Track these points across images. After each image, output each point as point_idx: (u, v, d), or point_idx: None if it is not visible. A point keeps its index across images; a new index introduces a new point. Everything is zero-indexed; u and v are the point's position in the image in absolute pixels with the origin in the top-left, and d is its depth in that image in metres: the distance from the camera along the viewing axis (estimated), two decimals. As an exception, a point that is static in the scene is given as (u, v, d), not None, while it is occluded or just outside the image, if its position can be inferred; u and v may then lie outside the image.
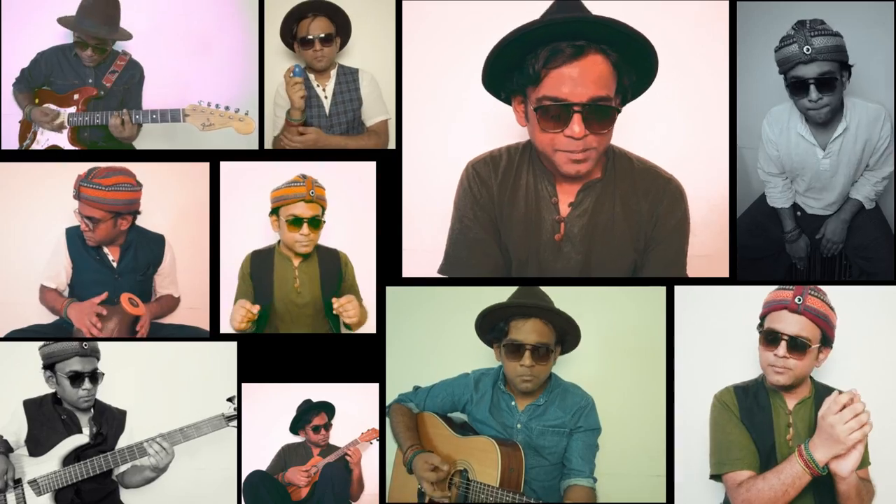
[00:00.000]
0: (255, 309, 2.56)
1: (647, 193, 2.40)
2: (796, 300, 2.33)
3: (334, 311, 2.60)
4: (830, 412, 2.13)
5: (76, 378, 2.50)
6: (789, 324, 2.33)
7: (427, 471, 2.44)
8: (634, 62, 2.24)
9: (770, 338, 2.36)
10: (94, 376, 2.54)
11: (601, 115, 2.17)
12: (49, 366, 2.53)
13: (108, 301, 2.76)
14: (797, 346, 2.32)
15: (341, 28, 2.95)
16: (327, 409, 2.82)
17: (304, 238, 2.67)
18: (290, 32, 2.93)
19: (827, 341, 2.36)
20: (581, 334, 2.55)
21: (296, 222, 2.66)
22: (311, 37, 2.91)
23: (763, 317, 2.41)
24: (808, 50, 2.66)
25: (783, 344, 2.33)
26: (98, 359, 2.57)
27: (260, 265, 2.75)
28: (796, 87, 2.74)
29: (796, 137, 2.85)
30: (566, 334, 2.54)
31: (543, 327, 2.50)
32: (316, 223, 2.68)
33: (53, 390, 2.57)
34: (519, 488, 2.45)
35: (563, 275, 2.42)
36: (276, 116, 2.95)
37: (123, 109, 2.85)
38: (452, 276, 2.52)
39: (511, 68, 2.23)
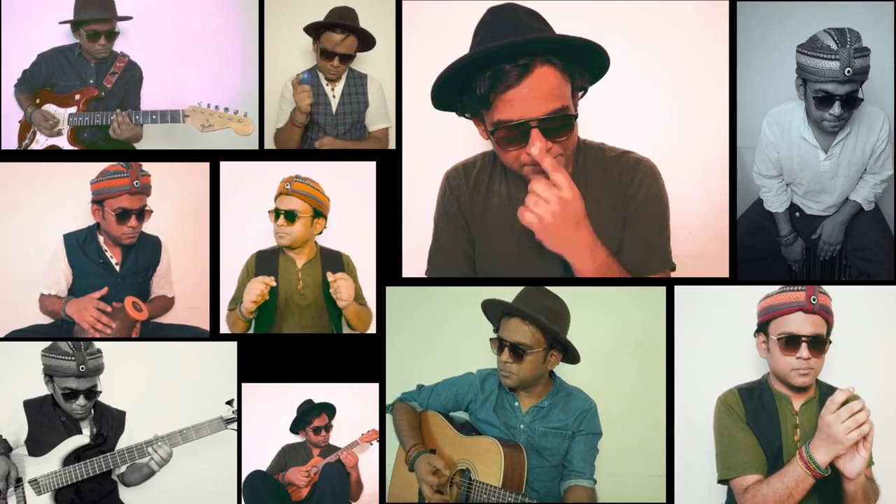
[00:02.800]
0: (271, 280, 2.60)
1: (620, 176, 2.36)
2: (812, 300, 2.31)
3: (330, 291, 2.63)
4: (828, 411, 2.11)
5: (70, 395, 2.49)
6: (806, 325, 2.31)
7: (428, 473, 2.44)
8: (581, 61, 2.18)
9: (790, 342, 2.32)
10: (91, 393, 2.51)
11: (559, 125, 2.13)
12: (49, 374, 2.52)
13: (108, 300, 2.76)
14: (817, 344, 2.31)
15: (363, 44, 2.97)
16: (328, 410, 2.82)
17: (278, 229, 2.70)
18: (315, 34, 2.94)
19: (829, 332, 2.35)
20: (569, 342, 2.49)
21: (274, 213, 2.71)
22: (336, 52, 2.92)
23: (766, 322, 2.38)
24: (849, 72, 2.60)
25: (804, 346, 2.30)
26: (99, 376, 2.54)
27: (264, 265, 2.75)
28: (821, 101, 2.70)
29: (798, 140, 2.84)
30: (555, 341, 2.49)
31: (525, 328, 2.46)
32: (290, 217, 2.69)
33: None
34: (521, 489, 2.45)
35: (552, 275, 2.38)
36: (280, 109, 2.96)
37: (118, 109, 2.86)
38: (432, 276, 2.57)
39: (458, 92, 2.20)
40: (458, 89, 2.19)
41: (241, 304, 2.65)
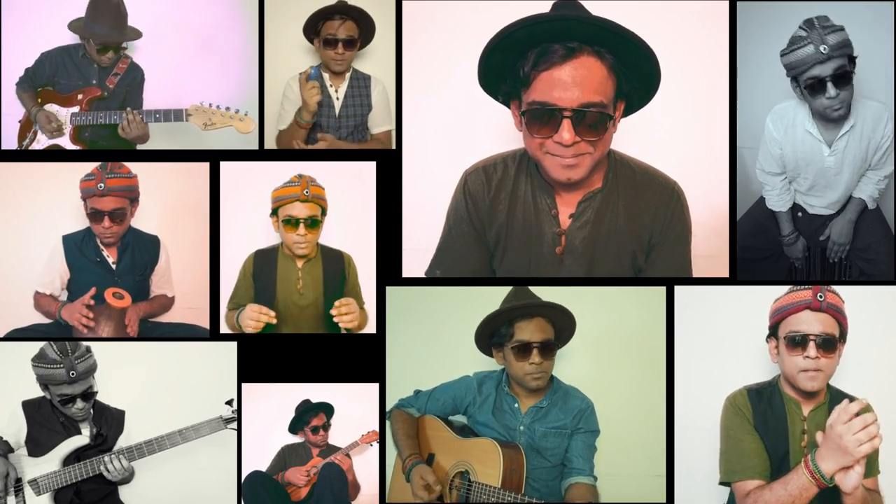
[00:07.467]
0: (273, 316, 2.56)
1: (649, 203, 2.35)
2: (818, 297, 2.25)
3: (334, 320, 2.58)
4: (839, 421, 2.04)
5: (67, 400, 2.48)
6: (814, 323, 2.24)
7: (420, 488, 2.46)
8: (633, 66, 2.13)
9: (796, 341, 2.26)
10: (87, 395, 2.51)
11: (592, 121, 2.06)
12: (43, 383, 2.51)
13: (98, 298, 2.76)
14: (826, 344, 2.25)
15: (364, 33, 2.96)
16: (326, 409, 2.82)
17: (301, 239, 2.66)
18: (315, 29, 2.93)
19: (843, 336, 2.29)
20: (576, 327, 2.56)
21: (292, 223, 2.66)
22: (337, 38, 2.92)
23: (776, 324, 2.33)
24: (824, 49, 2.63)
25: (812, 345, 2.24)
26: (93, 376, 2.53)
27: (263, 265, 2.74)
28: (814, 88, 2.71)
29: (803, 134, 2.84)
30: (563, 331, 2.55)
31: (546, 325, 2.51)
32: (313, 223, 2.67)
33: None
34: (520, 489, 2.45)
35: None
36: (283, 110, 2.95)
37: (129, 108, 2.87)
38: (434, 276, 2.54)
39: (503, 71, 2.14)
40: (502, 69, 2.11)
41: (239, 319, 2.62)
